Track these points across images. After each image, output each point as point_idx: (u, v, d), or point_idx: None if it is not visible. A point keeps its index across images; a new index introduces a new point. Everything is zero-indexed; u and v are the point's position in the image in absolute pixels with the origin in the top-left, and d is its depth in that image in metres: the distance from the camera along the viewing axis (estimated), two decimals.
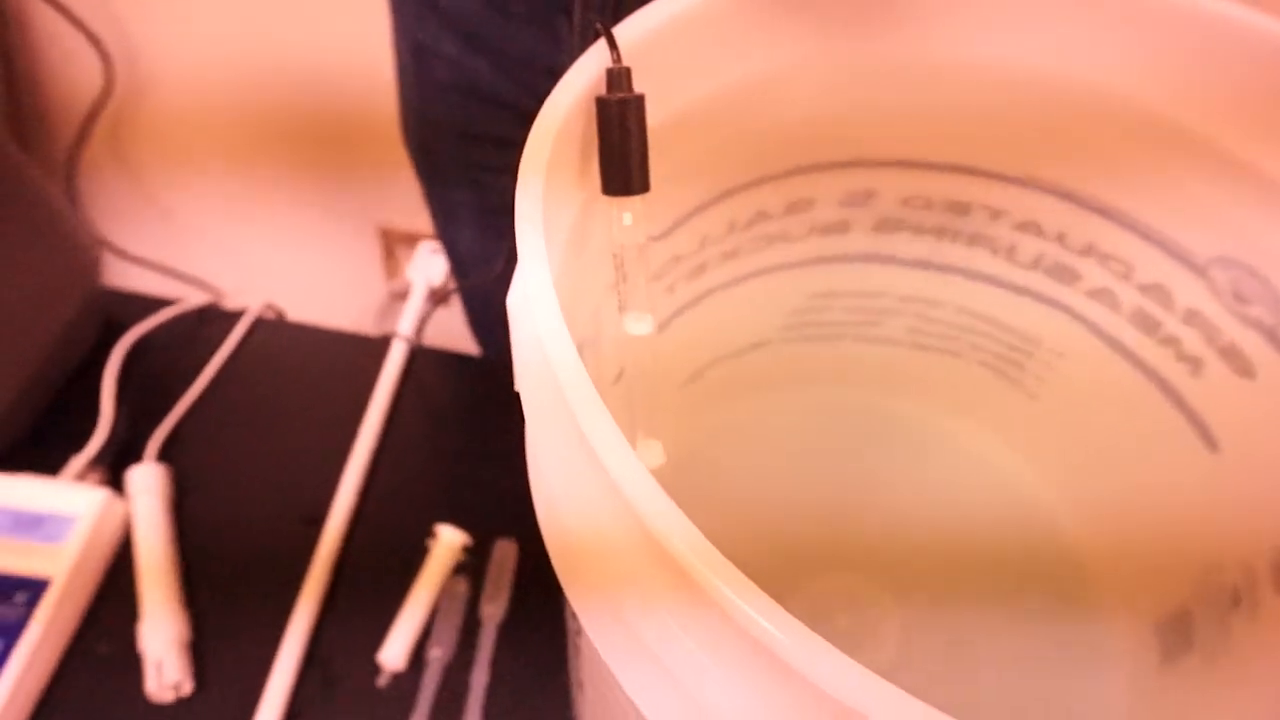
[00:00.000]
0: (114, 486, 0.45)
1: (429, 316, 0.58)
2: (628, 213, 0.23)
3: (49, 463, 0.45)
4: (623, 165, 0.22)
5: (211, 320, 0.54)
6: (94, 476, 0.45)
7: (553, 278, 0.18)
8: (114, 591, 0.42)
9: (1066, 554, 0.39)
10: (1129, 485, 0.36)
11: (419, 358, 0.53)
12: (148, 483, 0.45)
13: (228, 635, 0.41)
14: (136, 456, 0.46)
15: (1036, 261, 0.33)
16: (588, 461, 0.16)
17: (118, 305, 0.53)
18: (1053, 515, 0.39)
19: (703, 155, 0.28)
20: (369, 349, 0.53)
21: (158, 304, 0.54)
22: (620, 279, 0.23)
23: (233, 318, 0.54)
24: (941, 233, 0.34)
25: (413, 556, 0.43)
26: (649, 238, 0.24)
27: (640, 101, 0.22)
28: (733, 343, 0.38)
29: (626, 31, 0.23)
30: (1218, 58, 0.25)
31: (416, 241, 0.81)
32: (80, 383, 0.50)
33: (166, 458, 0.47)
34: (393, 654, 0.40)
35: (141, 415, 0.49)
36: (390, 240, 0.91)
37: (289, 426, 0.49)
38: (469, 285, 0.61)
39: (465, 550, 0.44)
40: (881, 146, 0.31)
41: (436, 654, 0.41)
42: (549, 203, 0.20)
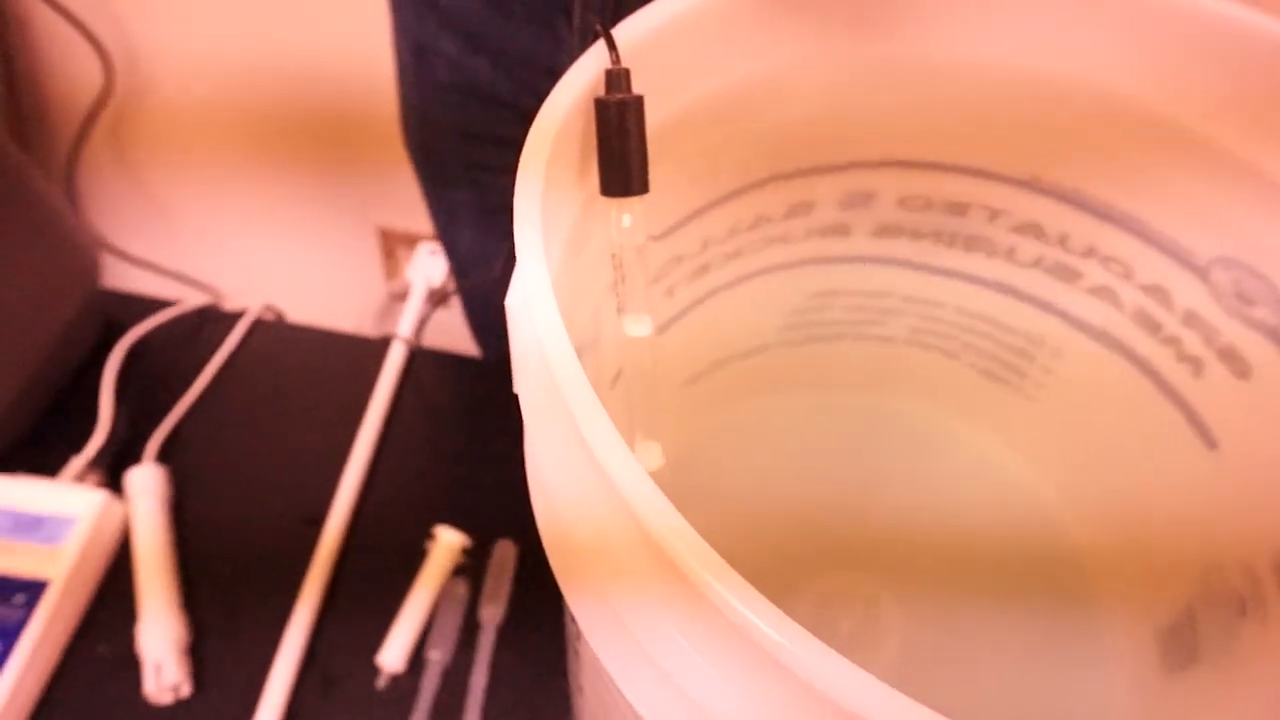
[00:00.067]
0: (113, 488, 0.44)
1: (428, 317, 0.57)
2: (627, 214, 0.23)
3: (48, 464, 0.45)
4: (622, 166, 0.22)
5: (211, 321, 0.54)
6: (93, 478, 0.45)
7: (552, 279, 0.18)
8: (113, 593, 0.42)
9: (1067, 554, 0.38)
10: (1129, 485, 0.36)
11: (418, 359, 0.53)
12: (147, 484, 0.45)
13: (227, 637, 0.41)
14: (136, 458, 0.46)
15: (1037, 261, 0.33)
16: (586, 463, 0.16)
17: (117, 306, 0.53)
18: (1053, 515, 0.39)
19: (703, 156, 0.28)
20: (368, 350, 0.53)
21: (157, 305, 0.54)
22: (619, 280, 0.23)
23: (232, 319, 0.54)
24: (939, 234, 0.34)
25: (412, 558, 0.43)
26: (649, 238, 0.24)
27: (639, 103, 0.22)
28: (733, 344, 0.38)
29: (626, 32, 0.23)
30: (1218, 57, 0.25)
31: (416, 242, 0.82)
32: (79, 384, 0.50)
33: (166, 459, 0.47)
34: (392, 656, 0.40)
35: (141, 416, 0.48)
36: (390, 241, 0.91)
37: (288, 428, 0.49)
38: (469, 286, 0.60)
39: (465, 552, 0.44)
40: (881, 147, 0.31)
41: (436, 656, 0.41)
42: (548, 203, 0.20)
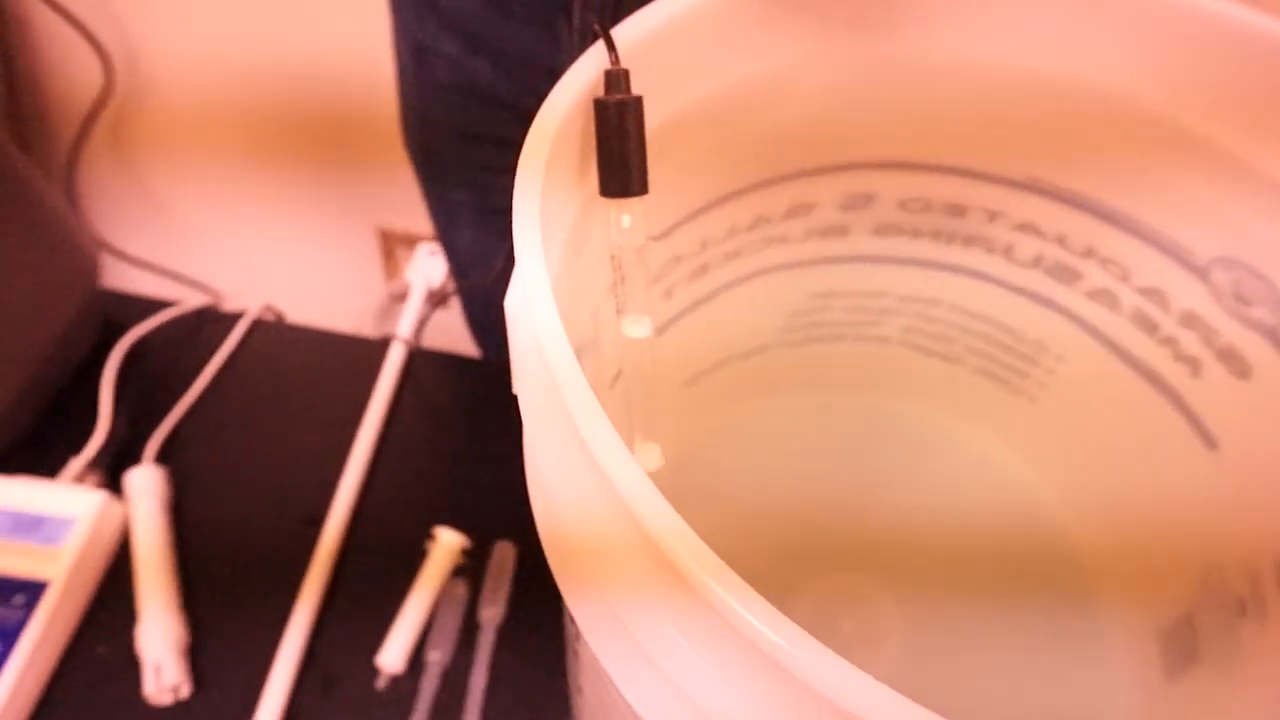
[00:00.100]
0: (113, 489, 0.44)
1: (428, 318, 0.57)
2: (626, 214, 0.23)
3: (48, 465, 0.45)
4: (621, 167, 0.22)
5: (210, 322, 0.54)
6: (92, 478, 0.45)
7: (551, 279, 0.18)
8: (112, 594, 0.42)
9: (1067, 554, 0.38)
10: (1129, 485, 0.36)
11: (418, 359, 0.53)
12: (146, 485, 0.44)
13: (226, 637, 0.41)
14: (135, 458, 0.46)
15: (1036, 262, 0.33)
16: (585, 464, 0.16)
17: (117, 307, 0.53)
18: (1053, 515, 0.39)
19: (702, 157, 0.28)
20: (368, 351, 0.53)
21: (157, 305, 0.54)
22: (618, 281, 0.23)
23: (232, 319, 0.54)
24: (939, 233, 0.34)
25: (411, 558, 0.43)
26: (648, 238, 0.24)
27: (638, 103, 0.22)
28: (733, 344, 0.38)
29: (625, 32, 0.23)
30: (1218, 57, 0.25)
31: (416, 243, 0.81)
32: (79, 384, 0.49)
33: (165, 460, 0.47)
34: (391, 656, 0.40)
35: (140, 417, 0.48)
36: (389, 242, 0.91)
37: (288, 428, 0.49)
38: (468, 286, 0.60)
39: (464, 552, 0.44)
40: (881, 148, 0.31)
41: (435, 656, 0.41)
42: (547, 204, 0.20)
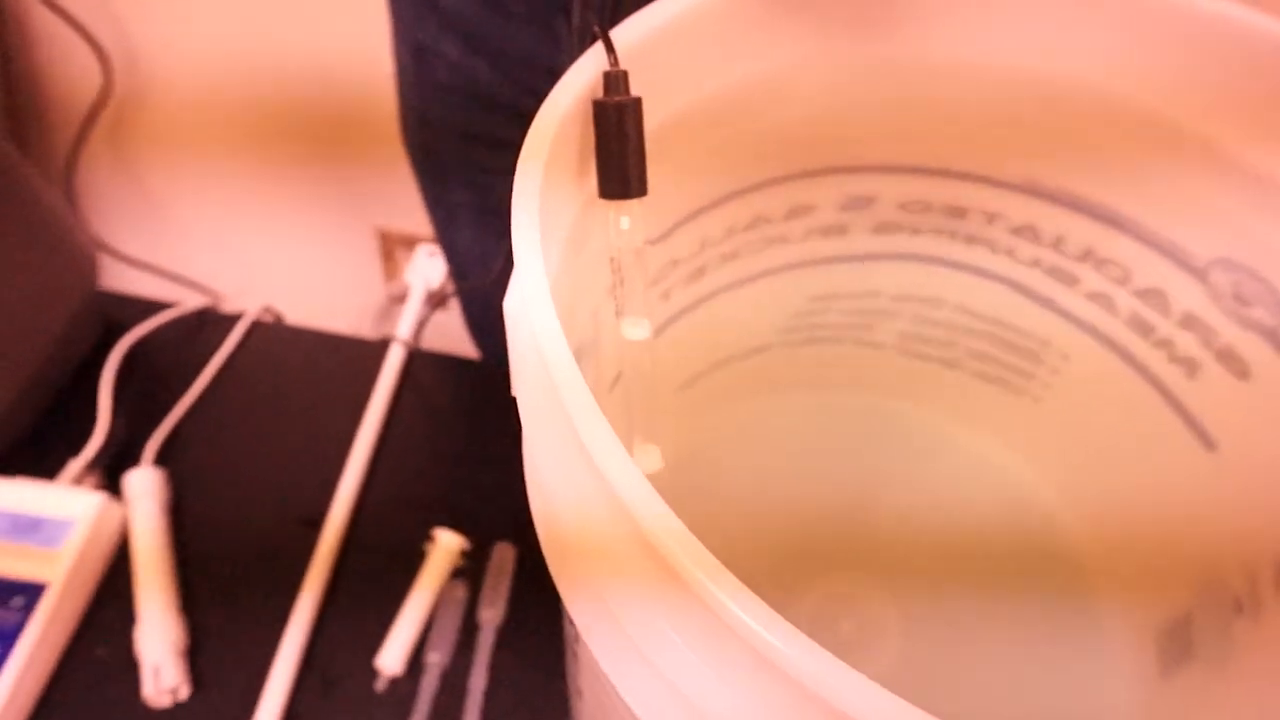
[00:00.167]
0: (111, 490, 0.44)
1: (427, 319, 0.57)
2: (625, 216, 0.23)
3: (46, 466, 0.45)
4: (620, 169, 0.22)
5: (209, 323, 0.54)
6: (91, 480, 0.45)
7: (550, 280, 0.18)
8: (111, 595, 0.42)
9: (1066, 555, 0.38)
10: (1128, 486, 0.36)
11: (417, 361, 0.53)
12: (145, 486, 0.44)
13: (225, 639, 0.41)
14: (134, 460, 0.46)
15: (1035, 263, 0.33)
16: (584, 466, 0.16)
17: (115, 308, 0.53)
18: (1052, 516, 0.39)
19: (702, 158, 0.28)
20: (367, 352, 0.53)
21: (156, 307, 0.54)
22: (618, 283, 0.23)
23: (231, 320, 0.54)
24: (939, 233, 0.34)
25: (411, 560, 0.43)
26: (647, 241, 0.23)
27: (637, 105, 0.22)
28: (732, 346, 0.38)
29: (625, 33, 0.23)
30: (1217, 58, 0.25)
31: (415, 244, 0.81)
32: (78, 386, 0.49)
33: (164, 461, 0.47)
34: (391, 658, 0.40)
35: (139, 418, 0.48)
36: (389, 243, 0.91)
37: (287, 430, 0.49)
38: (468, 287, 0.60)
39: (463, 554, 0.44)
40: (880, 149, 0.31)
41: (435, 658, 0.41)
42: (546, 205, 0.20)
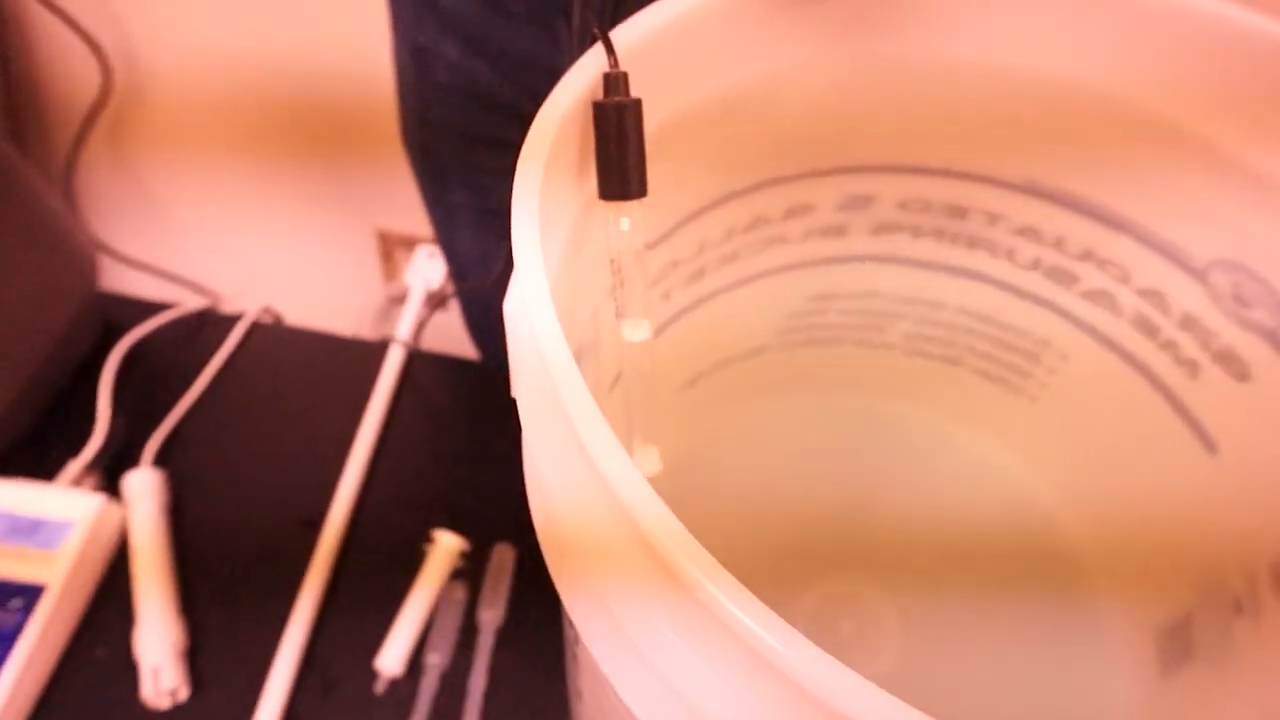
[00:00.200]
0: (111, 491, 0.44)
1: (427, 320, 0.57)
2: (625, 218, 0.23)
3: (45, 467, 0.45)
4: (620, 170, 0.22)
5: (209, 324, 0.54)
6: (90, 481, 0.45)
7: (550, 281, 0.18)
8: (110, 597, 0.42)
9: (1066, 555, 0.38)
10: (1128, 487, 0.36)
11: (417, 362, 0.53)
12: (144, 488, 0.44)
13: (225, 640, 0.41)
14: (133, 461, 0.46)
15: (1035, 264, 0.33)
16: (584, 468, 0.16)
17: (115, 309, 0.53)
18: (1052, 517, 0.39)
19: (701, 159, 0.28)
20: (367, 353, 0.53)
21: (155, 308, 0.54)
22: (617, 284, 0.23)
23: (230, 321, 0.54)
24: (940, 234, 0.34)
25: (411, 561, 0.43)
26: (646, 243, 0.23)
27: (637, 106, 0.22)
28: (732, 347, 0.38)
29: (625, 34, 0.23)
30: (1217, 59, 0.25)
31: (414, 245, 0.81)
32: (77, 387, 0.49)
33: (163, 462, 0.47)
34: (390, 660, 0.40)
35: (138, 419, 0.48)
36: (388, 244, 0.91)
37: (286, 431, 0.49)
38: (467, 288, 0.60)
39: (463, 555, 0.44)
40: (880, 149, 0.31)
41: (434, 660, 0.40)
42: (546, 206, 0.20)
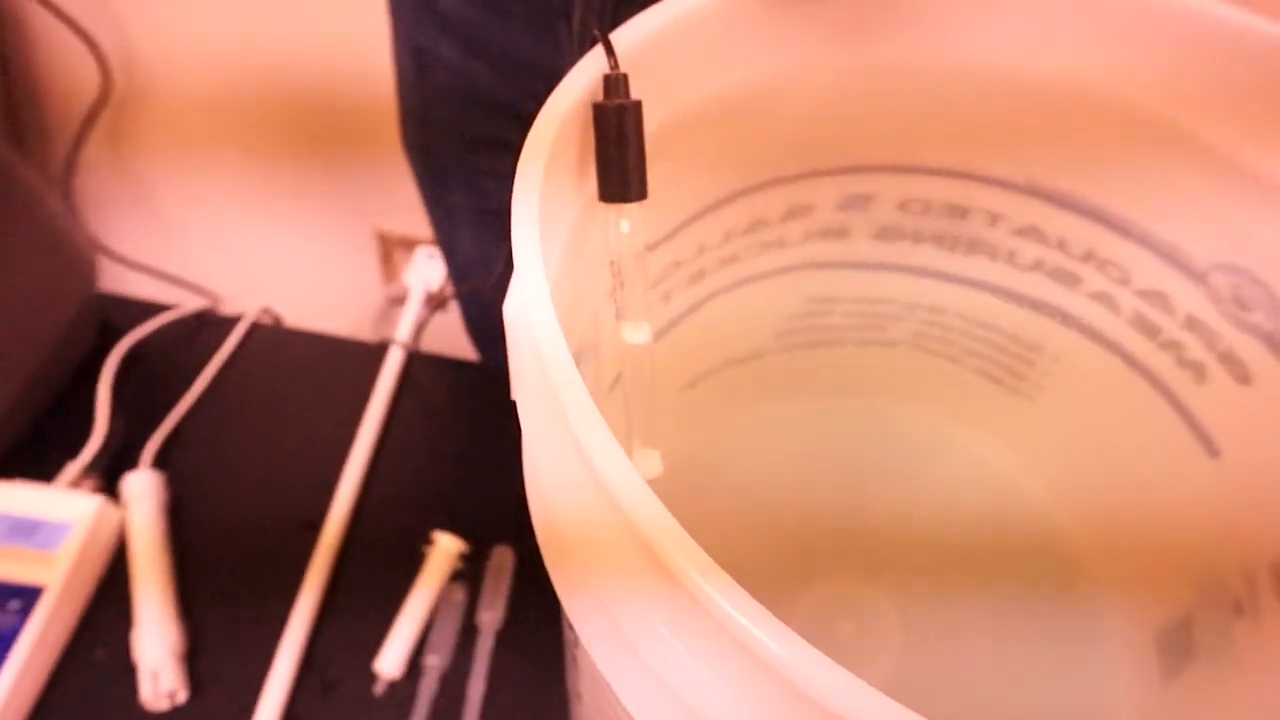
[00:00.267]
0: (109, 493, 0.44)
1: (427, 321, 0.57)
2: (625, 220, 0.23)
3: (44, 469, 0.45)
4: (620, 172, 0.22)
5: (208, 325, 0.54)
6: (89, 483, 0.45)
7: (550, 284, 0.18)
8: (109, 599, 0.42)
9: (1066, 557, 0.38)
10: (1129, 489, 0.36)
11: (416, 363, 0.53)
12: (143, 489, 0.44)
13: (224, 642, 0.41)
14: (132, 463, 0.46)
15: (1037, 265, 0.33)
16: (583, 470, 0.16)
17: (114, 310, 0.53)
18: (1053, 519, 0.39)
19: (702, 160, 0.28)
20: (366, 354, 0.53)
21: (154, 309, 0.54)
22: (617, 286, 0.23)
23: (229, 323, 0.54)
24: (941, 238, 0.34)
25: (410, 563, 0.43)
26: (646, 245, 0.23)
27: (637, 108, 0.22)
28: (732, 349, 0.38)
29: (625, 36, 0.23)
30: (1218, 60, 0.25)
31: (414, 246, 0.81)
32: (76, 388, 0.49)
33: (162, 464, 0.47)
34: (389, 662, 0.40)
35: (137, 421, 0.48)
36: (388, 245, 0.91)
37: (286, 432, 0.49)
38: (467, 290, 0.60)
39: (463, 557, 0.44)
40: (880, 150, 0.31)
41: (433, 662, 0.40)
42: (546, 208, 0.20)
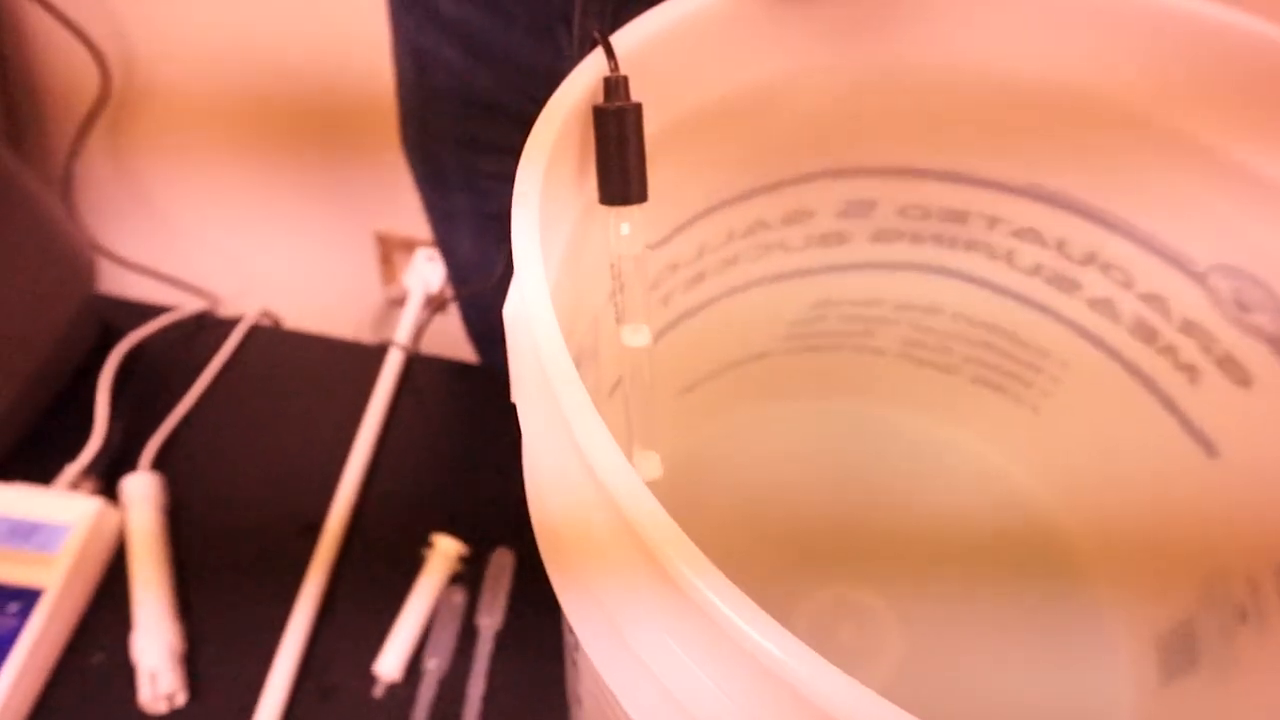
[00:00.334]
0: (108, 495, 0.44)
1: (426, 324, 0.57)
2: (625, 222, 0.23)
3: (43, 471, 0.45)
4: (620, 175, 0.22)
5: (207, 327, 0.54)
6: (88, 485, 0.45)
7: (550, 287, 0.18)
8: (108, 601, 0.42)
9: (1067, 561, 0.38)
10: (1130, 493, 0.36)
11: (416, 365, 0.53)
12: (142, 491, 0.44)
13: (222, 645, 0.41)
14: (131, 465, 0.46)
15: (1036, 269, 0.33)
16: (583, 473, 0.16)
17: (113, 311, 0.53)
18: (1053, 522, 0.39)
19: (702, 163, 0.28)
20: (366, 356, 0.52)
21: (153, 310, 0.54)
22: (618, 289, 0.23)
23: (229, 325, 0.54)
24: (940, 239, 0.34)
25: (409, 565, 0.43)
26: (647, 247, 0.23)
27: (638, 110, 0.22)
28: (732, 352, 0.38)
29: (625, 38, 0.23)
30: (1220, 64, 0.25)
31: (414, 248, 0.81)
32: (75, 390, 0.49)
33: (161, 466, 0.47)
34: (389, 664, 0.40)
35: (136, 423, 0.48)
36: (387, 247, 0.91)
37: (285, 434, 0.49)
38: (467, 293, 0.60)
39: (462, 560, 0.44)
40: (880, 153, 0.31)
41: (433, 664, 0.40)
42: (546, 211, 0.20)
